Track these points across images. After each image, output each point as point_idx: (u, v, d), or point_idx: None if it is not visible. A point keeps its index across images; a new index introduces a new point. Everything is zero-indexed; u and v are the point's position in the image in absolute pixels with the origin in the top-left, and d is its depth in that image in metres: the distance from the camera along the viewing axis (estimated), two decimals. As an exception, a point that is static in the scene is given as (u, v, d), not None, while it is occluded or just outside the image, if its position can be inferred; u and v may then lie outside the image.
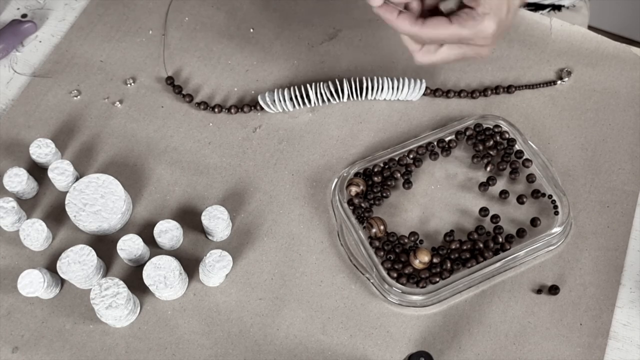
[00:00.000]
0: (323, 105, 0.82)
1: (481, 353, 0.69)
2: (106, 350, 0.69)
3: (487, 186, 0.77)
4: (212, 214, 0.72)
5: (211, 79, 0.84)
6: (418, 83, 0.82)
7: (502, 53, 0.86)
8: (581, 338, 0.70)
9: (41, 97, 0.82)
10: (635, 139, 0.80)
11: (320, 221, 0.76)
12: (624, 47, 0.86)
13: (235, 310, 0.71)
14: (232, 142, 0.80)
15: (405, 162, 0.77)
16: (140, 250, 0.71)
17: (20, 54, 0.86)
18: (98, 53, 0.86)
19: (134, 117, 0.82)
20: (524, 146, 0.78)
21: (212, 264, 0.70)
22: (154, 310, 0.71)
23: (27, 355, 0.69)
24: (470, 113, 0.82)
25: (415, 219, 0.76)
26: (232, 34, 0.88)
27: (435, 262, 0.72)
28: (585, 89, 0.84)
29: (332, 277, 0.73)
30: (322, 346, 0.70)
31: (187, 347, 0.69)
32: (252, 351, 0.69)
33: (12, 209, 0.72)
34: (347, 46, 0.87)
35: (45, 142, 0.76)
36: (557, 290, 0.72)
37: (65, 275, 0.69)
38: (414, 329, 0.70)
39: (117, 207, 0.73)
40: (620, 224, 0.75)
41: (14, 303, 0.71)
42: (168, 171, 0.78)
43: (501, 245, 0.73)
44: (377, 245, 0.73)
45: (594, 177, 0.78)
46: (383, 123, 0.81)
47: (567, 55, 0.86)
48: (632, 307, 0.72)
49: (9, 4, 0.90)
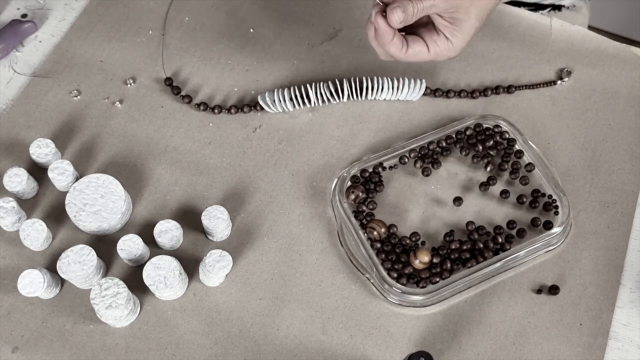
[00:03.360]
0: (323, 105, 0.82)
1: (481, 353, 0.69)
2: (106, 350, 0.69)
3: (487, 186, 0.77)
4: (212, 214, 0.72)
5: (211, 79, 0.84)
6: (418, 83, 0.82)
7: (502, 53, 0.86)
8: (581, 338, 0.70)
9: (41, 97, 0.82)
10: (635, 139, 0.80)
11: (320, 221, 0.76)
12: (624, 47, 0.86)
13: (235, 310, 0.71)
14: (232, 142, 0.80)
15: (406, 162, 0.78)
16: (140, 250, 0.71)
17: (20, 54, 0.86)
18: (98, 53, 0.86)
19: (134, 117, 0.82)
20: (524, 146, 0.78)
21: (212, 264, 0.70)
22: (154, 310, 0.71)
23: (27, 355, 0.69)
24: (470, 113, 0.82)
25: (416, 219, 0.76)
26: (232, 34, 0.88)
27: (435, 262, 0.72)
28: (585, 89, 0.84)
29: (332, 277, 0.73)
30: (322, 346, 0.70)
31: (187, 347, 0.69)
32: (252, 351, 0.69)
33: (12, 209, 0.72)
34: (347, 46, 0.87)
35: (45, 142, 0.76)
36: (557, 290, 0.72)
37: (65, 275, 0.69)
38: (414, 329, 0.70)
39: (117, 207, 0.73)
40: (620, 224, 0.75)
41: (14, 303, 0.71)
42: (168, 171, 0.78)
43: (501, 245, 0.73)
44: (378, 247, 0.72)
45: (594, 177, 0.78)
46: (383, 123, 0.81)
47: (567, 55, 0.86)
48: (632, 307, 0.72)
49: (9, 4, 0.90)
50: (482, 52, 0.86)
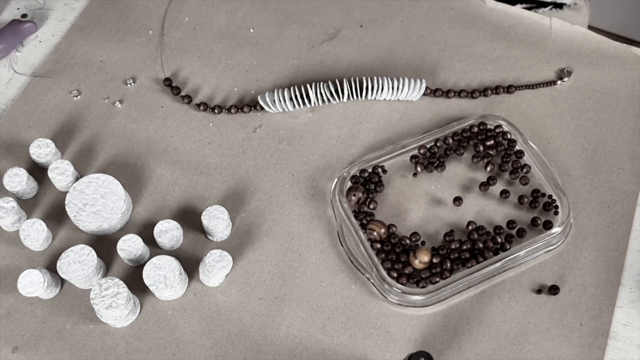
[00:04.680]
0: (323, 105, 0.82)
1: (481, 353, 0.69)
2: (106, 350, 0.69)
3: (487, 186, 0.77)
4: (212, 214, 0.72)
5: (211, 79, 0.84)
6: (418, 83, 0.82)
7: (502, 53, 0.86)
8: (581, 338, 0.70)
9: (41, 97, 0.82)
10: (635, 139, 0.80)
11: (320, 221, 0.76)
12: (624, 47, 0.86)
13: (235, 310, 0.71)
14: (232, 142, 0.80)
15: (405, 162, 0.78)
16: (140, 250, 0.71)
17: (20, 54, 0.86)
18: (98, 53, 0.86)
19: (134, 117, 0.82)
20: (524, 146, 0.78)
21: (212, 264, 0.70)
22: (154, 310, 0.71)
23: (27, 355, 0.69)
24: (470, 113, 0.82)
25: (416, 219, 0.76)
26: (232, 34, 0.88)
27: (435, 262, 0.72)
28: (585, 89, 0.84)
29: (332, 277, 0.73)
30: (322, 346, 0.70)
31: (187, 347, 0.69)
32: (252, 351, 0.69)
33: (12, 209, 0.72)
34: (347, 46, 0.87)
35: (45, 142, 0.76)
36: (557, 290, 0.72)
37: (65, 275, 0.69)
38: (414, 329, 0.70)
39: (117, 207, 0.73)
40: (620, 224, 0.75)
41: (14, 303, 0.71)
42: (168, 171, 0.78)
43: (501, 245, 0.73)
44: (378, 247, 0.72)
45: (594, 177, 0.78)
46: (383, 123, 0.82)
47: (567, 55, 0.86)
48: (632, 307, 0.72)
49: (9, 4, 0.90)
50: (482, 52, 0.86)
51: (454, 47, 0.87)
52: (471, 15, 0.89)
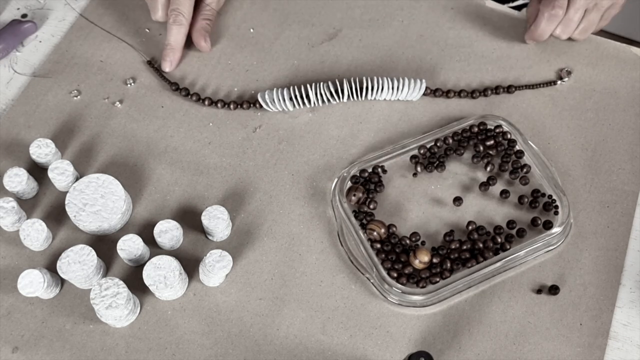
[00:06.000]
0: (323, 105, 0.82)
1: (481, 353, 0.69)
2: (106, 350, 0.69)
3: (487, 186, 0.77)
4: (212, 214, 0.72)
5: (211, 79, 0.84)
6: (418, 83, 0.82)
7: (502, 53, 0.86)
8: (581, 338, 0.70)
9: (41, 97, 0.82)
10: (635, 139, 0.80)
11: (320, 221, 0.76)
12: (624, 47, 0.86)
13: (235, 310, 0.71)
14: (232, 142, 0.80)
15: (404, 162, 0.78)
16: (140, 250, 0.71)
17: (20, 54, 0.86)
18: (98, 53, 0.86)
19: (134, 117, 0.82)
20: (524, 146, 0.78)
21: (212, 264, 0.70)
22: (154, 310, 0.71)
23: (27, 355, 0.69)
24: (470, 113, 0.82)
25: (416, 219, 0.76)
26: (232, 34, 0.88)
27: (435, 262, 0.72)
28: (585, 89, 0.84)
29: (332, 277, 0.73)
30: (322, 346, 0.70)
31: (187, 347, 0.69)
32: (252, 351, 0.69)
33: (12, 209, 0.72)
34: (347, 46, 0.87)
35: (45, 142, 0.76)
36: (557, 290, 0.72)
37: (65, 275, 0.69)
38: (414, 329, 0.70)
39: (117, 207, 0.73)
40: (620, 224, 0.75)
41: (14, 303, 0.71)
42: (168, 171, 0.78)
43: (501, 245, 0.73)
44: (378, 247, 0.72)
45: (594, 177, 0.78)
46: (383, 123, 0.81)
47: (567, 55, 0.86)
48: (632, 307, 0.72)
49: (9, 4, 0.90)
50: (482, 52, 0.86)
51: (454, 47, 0.87)
52: (471, 16, 0.89)
